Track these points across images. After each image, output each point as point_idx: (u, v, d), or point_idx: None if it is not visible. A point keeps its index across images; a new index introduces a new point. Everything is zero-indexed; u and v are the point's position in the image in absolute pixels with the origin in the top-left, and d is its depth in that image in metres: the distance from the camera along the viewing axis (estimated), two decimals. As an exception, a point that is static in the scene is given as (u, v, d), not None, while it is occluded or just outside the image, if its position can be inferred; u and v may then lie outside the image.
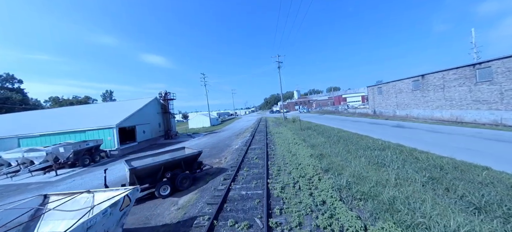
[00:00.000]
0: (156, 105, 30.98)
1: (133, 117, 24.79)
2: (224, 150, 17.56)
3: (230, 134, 30.01)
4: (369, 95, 39.01)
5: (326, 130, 19.71)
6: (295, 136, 18.49)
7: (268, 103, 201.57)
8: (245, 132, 28.76)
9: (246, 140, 19.92)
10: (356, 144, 13.01)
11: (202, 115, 58.63)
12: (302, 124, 27.41)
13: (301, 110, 71.96)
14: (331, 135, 16.88)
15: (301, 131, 21.22)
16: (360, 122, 25.75)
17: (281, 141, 16.54)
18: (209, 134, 33.93)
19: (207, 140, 26.14)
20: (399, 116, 30.56)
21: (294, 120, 33.53)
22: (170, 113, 32.89)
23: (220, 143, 22.06)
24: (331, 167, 9.08)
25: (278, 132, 22.60)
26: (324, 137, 16.45)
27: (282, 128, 26.51)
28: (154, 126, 29.54)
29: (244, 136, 24.86)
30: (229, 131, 34.04)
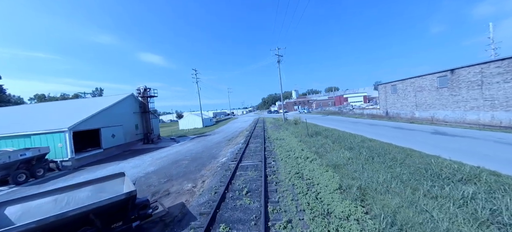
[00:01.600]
0: (132, 103, 25.95)
1: (96, 117, 19.76)
2: (205, 165, 12.74)
3: (221, 138, 25.19)
4: (380, 95, 34.57)
5: (343, 137, 15.03)
6: (303, 145, 13.78)
7: (266, 103, 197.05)
8: (238, 137, 23.96)
9: (237, 150, 15.15)
10: (404, 164, 8.34)
11: (194, 115, 53.64)
12: (308, 127, 22.72)
13: (301, 111, 67.40)
14: (353, 145, 12.19)
15: (308, 137, 16.52)
16: (379, 126, 21.14)
17: (284, 155, 11.79)
18: (198, 137, 29.03)
19: (191, 146, 21.26)
20: (419, 118, 26.12)
21: (296, 122, 28.86)
22: (151, 113, 27.88)
23: (204, 152, 17.22)
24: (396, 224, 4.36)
25: (279, 138, 17.88)
26: (345, 148, 11.76)
27: (283, 132, 21.78)
28: (128, 128, 24.52)
29: (236, 142, 20.08)
30: (221, 134, 29.20)
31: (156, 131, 30.57)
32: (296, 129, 23.06)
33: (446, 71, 22.82)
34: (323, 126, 23.13)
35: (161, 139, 27.91)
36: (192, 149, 19.48)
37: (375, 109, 38.01)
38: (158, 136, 29.30)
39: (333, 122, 27.82)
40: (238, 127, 36.83)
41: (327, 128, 20.58)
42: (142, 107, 27.20)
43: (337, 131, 18.42)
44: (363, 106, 45.76)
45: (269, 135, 20.85)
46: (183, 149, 19.82)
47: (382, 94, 33.83)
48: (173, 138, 27.46)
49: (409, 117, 27.75)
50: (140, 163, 15.94)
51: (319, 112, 56.77)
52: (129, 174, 12.73)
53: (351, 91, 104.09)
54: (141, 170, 13.57)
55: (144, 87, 27.00)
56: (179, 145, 22.93)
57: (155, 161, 15.92)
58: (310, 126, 24.02)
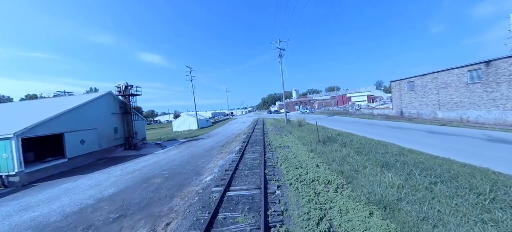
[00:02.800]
0: (109, 102, 22.28)
1: (58, 120, 16.13)
2: (182, 189, 9.11)
3: (213, 143, 21.57)
4: (393, 92, 30.97)
5: (368, 146, 11.44)
6: (318, 158, 10.17)
7: (266, 103, 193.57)
8: (234, 142, 20.34)
9: (229, 163, 11.53)
10: (500, 200, 4.77)
11: (189, 116, 50.00)
12: (315, 130, 19.11)
13: (303, 111, 63.82)
14: (389, 159, 8.60)
15: (321, 145, 12.92)
16: (403, 129, 17.53)
17: (293, 175, 8.16)
18: (188, 142, 25.40)
19: (176, 155, 17.63)
20: (443, 119, 22.55)
21: (301, 124, 25.26)
22: (134, 113, 24.24)
23: (189, 164, 13.59)
24: None
25: (282, 146, 14.27)
26: (380, 165, 8.16)
27: (287, 136, 18.16)
28: (105, 132, 20.87)
29: (230, 149, 16.46)
30: (215, 138, 25.59)
31: (141, 134, 26.92)
32: (301, 132, 19.45)
33: (479, 63, 19.24)
34: (334, 129, 19.52)
35: (146, 144, 24.26)
36: (175, 158, 15.84)
37: (386, 108, 34.42)
38: (143, 140, 25.64)
39: (343, 124, 24.19)
40: (235, 129, 33.20)
41: (341, 132, 16.96)
42: (123, 107, 23.55)
43: (354, 136, 14.81)
44: (372, 106, 42.17)
45: (270, 140, 17.23)
46: (165, 159, 16.19)
47: (396, 92, 30.24)
48: (159, 143, 23.83)
49: (430, 118, 24.16)
50: (103, 179, 12.31)
51: (322, 112, 53.17)
52: (78, 199, 9.13)
53: (353, 91, 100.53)
54: (96, 192, 9.95)
55: (125, 84, 23.35)
56: (162, 153, 19.30)
57: (123, 177, 12.29)
58: (319, 128, 20.42)
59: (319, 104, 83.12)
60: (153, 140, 30.08)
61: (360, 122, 24.80)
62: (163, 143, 23.95)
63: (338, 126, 22.42)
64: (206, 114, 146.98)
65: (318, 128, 19.71)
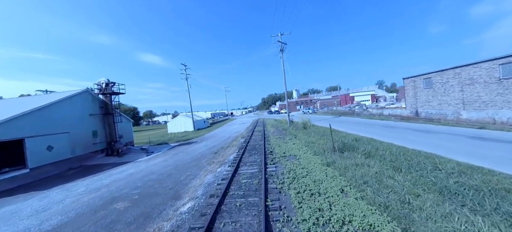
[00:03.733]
0: (87, 102, 19.50)
1: (15, 122, 13.37)
2: (145, 226, 6.31)
3: (206, 148, 18.79)
4: (407, 90, 28.14)
5: (404, 158, 8.66)
6: (340, 178, 7.37)
7: (266, 103, 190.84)
8: (230, 147, 17.54)
9: (219, 180, 8.74)
10: None
11: (185, 117, 47.22)
12: (324, 133, 16.32)
13: (305, 111, 60.97)
14: (444, 180, 5.82)
15: (338, 155, 10.13)
16: (436, 134, 14.71)
17: (310, 210, 5.36)
18: (179, 146, 22.62)
19: (159, 164, 14.85)
20: (468, 120, 19.76)
21: (306, 126, 22.45)
22: (117, 114, 21.47)
23: (168, 179, 10.80)
24: None
25: (288, 155, 11.46)
26: (433, 189, 5.37)
27: (292, 141, 15.36)
28: (80, 136, 18.11)
29: (224, 157, 13.68)
30: (210, 142, 22.82)
31: (127, 137, 24.15)
32: (308, 136, 16.65)
33: (515, 55, 16.48)
34: (347, 133, 16.70)
35: (131, 150, 21.46)
36: (156, 170, 13.05)
37: (398, 108, 31.62)
38: (127, 144, 22.84)
39: (355, 126, 21.35)
40: (233, 132, 30.40)
41: (358, 137, 14.11)
42: (104, 107, 20.76)
43: (377, 143, 11.99)
44: (381, 105, 39.34)
45: (272, 146, 14.41)
46: (144, 170, 13.40)
47: (410, 90, 27.44)
48: (145, 149, 21.03)
49: (453, 118, 21.34)
50: (57, 200, 9.54)
51: (326, 113, 50.33)
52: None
53: (355, 90, 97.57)
54: (34, 224, 7.17)
55: (105, 81, 20.55)
56: (145, 161, 16.51)
57: (82, 198, 9.51)
58: (328, 132, 17.62)
59: (321, 104, 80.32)
60: (143, 144, 27.31)
61: (374, 124, 21.95)
62: (149, 148, 21.16)
63: (350, 128, 19.59)
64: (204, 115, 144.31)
65: (326, 131, 16.92)
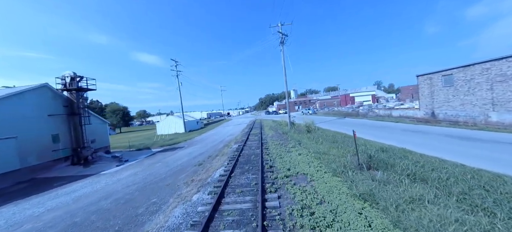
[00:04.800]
0: (45, 100, 15.97)
1: None
2: None
3: (191, 157, 15.45)
4: (421, 89, 25.18)
5: (473, 182, 5.46)
6: (392, 228, 4.11)
7: (263, 103, 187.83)
8: (219, 155, 14.21)
9: (192, 222, 5.41)
10: None
11: (176, 118, 43.69)
12: (336, 139, 13.13)
13: (305, 111, 57.92)
14: None
15: (368, 176, 6.90)
16: (489, 143, 11.64)
17: None
18: (161, 153, 19.22)
19: (122, 181, 11.47)
20: (499, 122, 16.82)
21: (309, 129, 19.30)
22: (85, 115, 17.96)
23: (125, 208, 7.49)
24: None
25: (294, 173, 8.19)
26: None
27: (296, 150, 12.11)
28: (34, 142, 14.58)
29: (209, 173, 10.36)
30: (197, 148, 19.49)
31: (101, 141, 20.62)
32: (316, 143, 13.47)
33: None
34: (365, 139, 13.51)
35: (102, 157, 17.93)
36: (115, 191, 9.68)
37: (409, 109, 28.75)
38: (100, 150, 19.31)
39: (368, 130, 18.22)
40: (226, 135, 27.07)
41: (383, 146, 10.84)
42: (69, 106, 17.25)
43: (415, 155, 8.82)
44: (390, 106, 36.42)
45: (272, 157, 11.14)
46: (99, 192, 10.01)
47: (425, 88, 24.52)
48: (117, 156, 17.53)
49: (481, 121, 18.40)
50: None
51: (327, 113, 47.31)
52: None
53: (353, 90, 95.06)
54: None
55: (71, 75, 17.03)
56: (110, 174, 13.08)
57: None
58: (339, 137, 14.42)
59: (321, 104, 77.47)
60: (123, 149, 23.79)
61: (390, 128, 18.83)
62: (124, 156, 17.67)
63: (364, 132, 16.44)
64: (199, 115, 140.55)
65: (336, 136, 13.75)
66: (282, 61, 22.33)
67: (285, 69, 22.38)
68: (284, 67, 22.35)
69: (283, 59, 22.33)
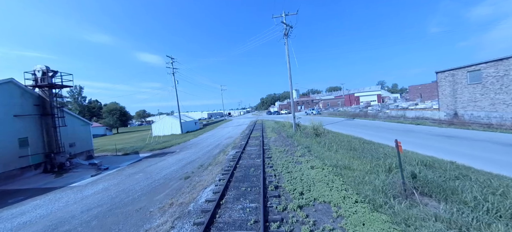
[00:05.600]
0: (11, 98, 13.64)
1: None
2: None
3: (178, 167, 13.08)
4: (441, 87, 22.61)
5: None
6: None
7: (265, 103, 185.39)
8: (213, 164, 11.81)
9: None
10: None
11: (172, 118, 41.42)
12: (351, 145, 10.67)
13: (309, 111, 55.41)
14: None
15: (430, 212, 4.43)
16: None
17: None
18: (147, 159, 16.88)
19: (90, 199, 9.15)
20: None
21: (318, 131, 16.90)
22: (58, 115, 15.65)
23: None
24: None
25: (309, 199, 5.75)
26: None
27: (306, 161, 9.68)
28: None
29: (198, 189, 7.98)
30: (190, 154, 17.15)
31: (83, 145, 18.32)
32: (329, 150, 11.05)
33: None
34: (390, 146, 11.02)
35: (78, 164, 15.58)
36: (71, 216, 7.33)
37: (426, 109, 26.17)
38: (79, 155, 17.00)
39: (389, 134, 15.71)
40: (224, 137, 24.71)
41: (425, 159, 8.35)
42: (41, 105, 14.94)
43: (478, 174, 6.37)
44: (403, 106, 33.79)
45: (277, 171, 8.74)
46: (51, 216, 7.66)
47: (446, 87, 21.95)
48: (95, 163, 15.16)
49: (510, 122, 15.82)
50: None
51: (332, 114, 44.76)
52: None
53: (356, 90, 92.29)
54: None
55: (43, 69, 14.73)
56: (78, 189, 10.72)
57: None
58: (356, 142, 11.95)
59: (324, 104, 74.92)
60: (110, 152, 21.50)
61: (415, 131, 16.23)
62: (103, 163, 15.30)
63: (387, 138, 13.94)
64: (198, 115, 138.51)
65: (363, 145, 11.31)
66: (286, 55, 19.91)
67: (289, 63, 19.94)
68: (288, 61, 19.91)
69: (287, 52, 19.90)
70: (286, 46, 19.97)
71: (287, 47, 19.98)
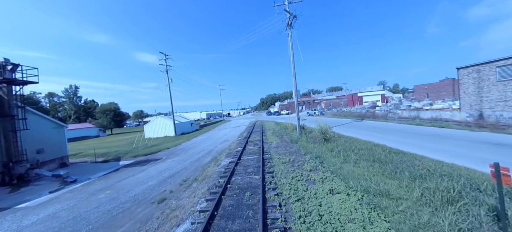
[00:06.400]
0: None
1: None
2: None
3: (157, 182, 10.63)
4: (463, 85, 20.14)
5: None
6: None
7: (264, 103, 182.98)
8: (200, 179, 9.37)
9: None
10: None
11: (166, 119, 38.97)
12: (374, 154, 8.18)
13: (311, 112, 52.95)
14: None
15: None
16: None
17: None
18: (125, 169, 14.41)
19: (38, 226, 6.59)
20: None
21: (327, 136, 14.43)
22: (19, 117, 13.18)
23: None
24: None
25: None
26: None
27: (320, 178, 7.21)
28: None
29: (170, 221, 5.51)
30: (176, 162, 14.69)
31: (55, 151, 15.86)
32: (345, 160, 8.59)
33: None
34: (436, 160, 8.50)
35: (41, 175, 13.06)
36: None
37: (444, 110, 23.73)
38: (55, 163, 14.50)
39: (415, 140, 13.21)
40: (220, 141, 22.26)
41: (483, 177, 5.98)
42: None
43: None
44: (417, 106, 31.29)
45: (284, 200, 6.30)
46: None
47: (470, 84, 19.50)
48: (59, 175, 12.62)
49: None
50: None
51: (336, 114, 42.28)
52: None
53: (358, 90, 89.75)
54: None
55: (1, 62, 12.29)
56: (21, 213, 8.20)
57: None
58: (378, 151, 9.46)
59: (326, 104, 72.47)
60: (88, 159, 19.01)
61: (448, 137, 13.71)
62: (70, 175, 12.77)
63: (416, 146, 11.47)
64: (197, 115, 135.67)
65: (390, 155, 8.85)
66: (290, 47, 17.44)
67: (293, 57, 17.48)
68: (291, 54, 17.45)
69: (291, 45, 17.43)
70: (290, 37, 17.51)
71: (290, 39, 17.52)
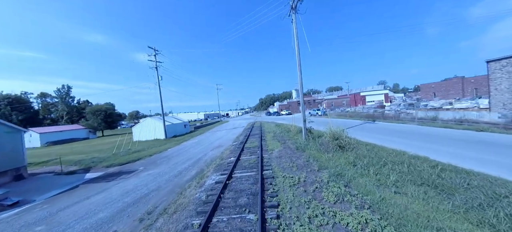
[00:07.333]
0: None
1: None
2: None
3: (113, 211, 7.71)
4: (494, 81, 17.37)
5: None
6: None
7: (264, 103, 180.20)
8: (171, 209, 6.46)
9: None
10: None
11: (156, 120, 35.96)
12: (414, 172, 5.28)
13: (313, 112, 50.10)
14: None
15: None
16: None
17: None
18: (90, 184, 11.45)
19: None
20: None
21: (341, 142, 11.54)
22: None
23: None
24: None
25: None
26: None
27: (353, 226, 4.28)
28: None
29: None
30: (153, 176, 11.75)
31: (7, 162, 12.85)
32: (378, 181, 5.65)
33: None
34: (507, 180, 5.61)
35: None
36: None
37: (468, 109, 20.95)
38: (7, 175, 11.52)
39: (463, 149, 10.33)
40: (213, 145, 19.33)
41: None
42: None
43: None
44: (435, 105, 28.51)
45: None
46: None
47: (503, 80, 16.72)
48: None
49: None
50: None
51: (341, 115, 39.47)
52: None
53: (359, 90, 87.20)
54: None
55: None
56: None
57: None
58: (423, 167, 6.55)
59: (328, 104, 69.70)
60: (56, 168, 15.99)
61: (495, 144, 10.95)
62: (8, 197, 9.73)
63: (472, 158, 8.65)
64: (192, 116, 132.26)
65: (443, 173, 5.85)
66: (294, 35, 14.54)
67: (298, 47, 14.59)
68: (296, 44, 14.54)
69: (295, 33, 14.53)
70: (294, 24, 14.62)
71: (295, 25, 14.63)
